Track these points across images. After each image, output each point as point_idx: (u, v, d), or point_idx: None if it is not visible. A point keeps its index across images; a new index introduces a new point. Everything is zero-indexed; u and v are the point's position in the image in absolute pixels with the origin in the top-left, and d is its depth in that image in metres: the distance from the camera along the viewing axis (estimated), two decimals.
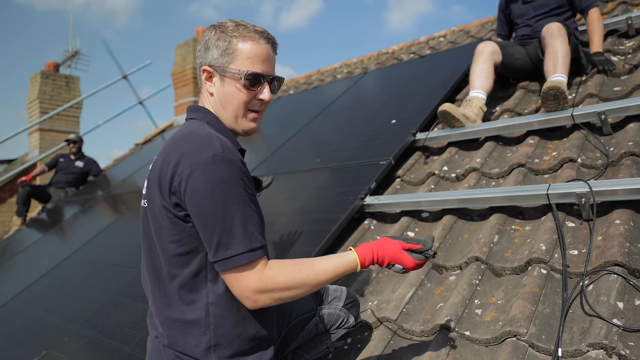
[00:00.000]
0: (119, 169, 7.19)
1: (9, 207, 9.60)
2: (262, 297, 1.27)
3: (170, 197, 1.29)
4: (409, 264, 1.41)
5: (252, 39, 1.43)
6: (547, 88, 2.71)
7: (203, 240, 1.28)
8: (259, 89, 1.46)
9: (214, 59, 1.44)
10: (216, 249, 1.25)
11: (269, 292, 1.27)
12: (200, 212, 1.25)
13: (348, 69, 6.92)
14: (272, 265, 1.30)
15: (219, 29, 1.44)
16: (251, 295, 1.26)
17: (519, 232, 2.15)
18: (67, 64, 11.74)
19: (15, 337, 3.12)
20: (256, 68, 1.43)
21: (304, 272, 1.31)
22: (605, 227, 1.89)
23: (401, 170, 3.09)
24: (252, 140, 4.83)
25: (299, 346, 1.70)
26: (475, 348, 1.63)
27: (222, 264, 1.25)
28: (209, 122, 1.46)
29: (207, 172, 1.24)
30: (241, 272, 1.26)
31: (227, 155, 1.28)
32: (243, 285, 1.26)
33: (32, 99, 9.49)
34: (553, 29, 3.09)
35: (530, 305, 1.64)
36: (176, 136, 1.39)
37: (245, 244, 1.25)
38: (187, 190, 1.25)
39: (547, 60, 3.06)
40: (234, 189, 1.26)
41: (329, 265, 1.36)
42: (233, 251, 1.24)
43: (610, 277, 1.61)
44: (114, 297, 2.90)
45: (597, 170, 2.30)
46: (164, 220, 1.32)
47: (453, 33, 6.02)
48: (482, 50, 3.36)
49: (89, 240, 4.36)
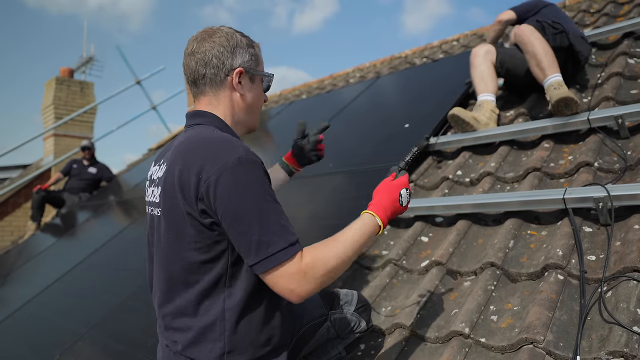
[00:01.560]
0: (132, 174, 7.24)
1: (24, 212, 9.67)
2: (306, 286, 1.27)
3: (197, 203, 1.28)
4: (403, 179, 1.54)
5: (258, 46, 1.57)
6: (556, 102, 2.68)
7: (238, 244, 1.27)
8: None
9: (245, 62, 1.49)
10: (256, 249, 1.24)
11: (311, 279, 1.27)
12: (234, 216, 1.25)
13: (361, 73, 6.90)
14: (306, 253, 1.30)
15: (238, 33, 1.50)
16: (296, 287, 1.26)
17: (534, 237, 2.11)
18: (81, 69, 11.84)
19: (29, 341, 3.13)
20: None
21: (334, 250, 1.32)
22: (623, 232, 1.86)
23: (414, 174, 3.06)
24: (265, 143, 4.84)
25: (310, 351, 1.69)
26: (491, 355, 1.61)
27: (264, 263, 1.25)
28: (217, 126, 1.46)
29: (234, 175, 1.25)
30: (283, 268, 1.25)
31: (252, 157, 1.30)
32: (287, 280, 1.25)
33: (47, 104, 9.58)
34: (521, 33, 3.06)
35: (547, 312, 1.61)
36: (191, 142, 1.37)
37: (285, 240, 1.26)
38: (216, 195, 1.25)
39: (531, 66, 3.01)
40: (263, 189, 1.28)
41: (354, 233, 1.37)
42: (274, 248, 1.24)
43: (630, 284, 1.58)
44: (127, 302, 2.91)
45: (614, 175, 2.26)
46: (187, 228, 1.31)
47: (466, 37, 5.99)
48: (476, 53, 3.35)
49: (103, 245, 4.38)
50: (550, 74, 2.89)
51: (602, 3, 4.45)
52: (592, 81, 3.21)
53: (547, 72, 2.90)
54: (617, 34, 3.58)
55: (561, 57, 3.09)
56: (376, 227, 1.42)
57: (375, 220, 1.42)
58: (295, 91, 7.90)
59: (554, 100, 2.67)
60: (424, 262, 2.25)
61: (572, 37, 3.09)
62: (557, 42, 3.07)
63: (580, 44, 3.11)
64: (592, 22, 4.19)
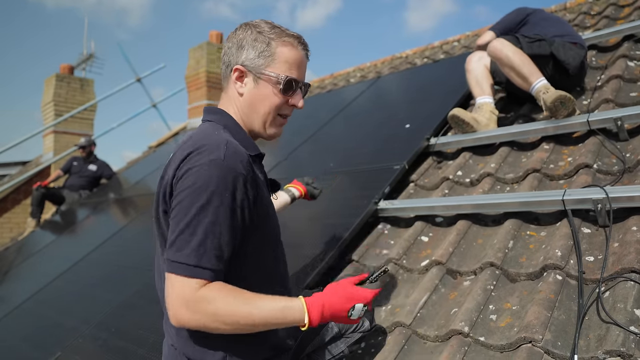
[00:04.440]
0: (132, 172, 7.25)
1: (24, 209, 9.67)
2: (185, 314, 1.17)
3: (170, 201, 1.28)
4: (367, 294, 1.33)
5: (290, 44, 1.43)
6: (552, 104, 2.67)
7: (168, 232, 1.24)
8: (292, 95, 1.46)
9: (249, 59, 1.42)
10: (170, 245, 1.21)
11: (196, 312, 1.17)
12: (175, 205, 1.23)
13: (361, 73, 6.92)
14: (212, 288, 1.20)
15: (255, 29, 1.42)
16: (177, 307, 1.18)
17: (534, 238, 2.13)
18: (81, 66, 11.84)
19: (30, 338, 3.14)
20: (292, 73, 1.43)
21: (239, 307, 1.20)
22: (621, 234, 1.88)
23: (415, 174, 3.08)
24: (266, 143, 4.85)
25: (313, 350, 1.70)
26: (490, 354, 1.63)
27: (169, 263, 1.20)
28: (226, 125, 1.44)
29: (198, 175, 1.22)
30: (179, 280, 1.18)
31: (227, 164, 1.24)
32: (175, 294, 1.18)
33: (47, 101, 9.58)
34: (493, 49, 3.01)
35: (545, 312, 1.63)
36: (188, 139, 1.37)
37: (194, 258, 1.18)
38: (177, 188, 1.25)
39: (512, 78, 2.99)
40: (215, 199, 1.21)
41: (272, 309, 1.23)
42: (180, 257, 1.19)
43: (627, 284, 1.60)
44: (128, 299, 2.92)
45: (613, 176, 2.28)
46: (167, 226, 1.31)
47: (467, 38, 6.01)
48: (469, 59, 3.39)
49: (103, 242, 4.39)
50: (534, 80, 2.89)
51: (603, 5, 4.47)
52: (592, 83, 3.22)
53: (530, 80, 2.89)
54: (618, 36, 3.60)
55: (547, 65, 3.04)
56: (300, 322, 1.26)
57: (304, 317, 1.25)
58: None
59: (549, 103, 2.68)
60: (424, 262, 2.26)
61: (556, 45, 3.03)
62: (535, 50, 3.00)
63: (565, 52, 3.01)
64: (592, 25, 4.21)
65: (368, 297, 1.33)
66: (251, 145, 1.45)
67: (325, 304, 1.28)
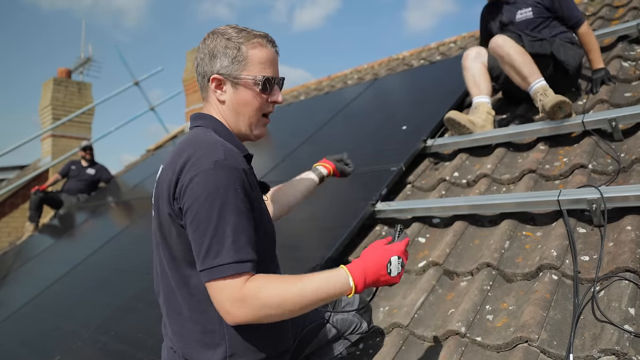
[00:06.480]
0: (130, 175, 7.25)
1: (22, 213, 9.65)
2: (241, 311, 1.19)
3: (174, 203, 1.30)
4: (399, 246, 1.37)
5: (260, 44, 1.45)
6: (551, 109, 2.67)
7: (193, 247, 1.26)
8: (271, 92, 1.49)
9: (224, 67, 1.44)
10: (205, 255, 1.22)
11: (248, 306, 1.19)
12: (193, 218, 1.24)
13: (359, 75, 6.94)
14: (255, 279, 1.23)
15: (224, 37, 1.44)
16: (230, 308, 1.20)
17: (529, 238, 2.15)
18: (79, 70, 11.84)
19: (29, 342, 3.14)
20: (268, 72, 1.46)
21: (287, 290, 1.22)
22: (616, 233, 1.90)
23: (412, 176, 3.09)
24: (263, 145, 4.86)
25: (312, 352, 1.71)
26: (486, 354, 1.64)
27: (208, 272, 1.21)
28: (215, 129, 1.46)
29: (206, 178, 1.23)
30: (224, 283, 1.20)
31: (229, 163, 1.27)
32: (225, 297, 1.20)
33: (44, 105, 9.58)
34: (495, 45, 3.00)
35: (541, 311, 1.64)
36: (182, 144, 1.39)
37: (234, 255, 1.20)
38: (185, 195, 1.25)
39: (512, 77, 2.99)
40: (231, 197, 1.24)
41: (319, 284, 1.26)
42: (220, 260, 1.20)
43: (622, 283, 1.62)
44: (127, 303, 2.93)
45: (608, 177, 2.30)
46: (171, 229, 1.32)
47: (464, 39, 6.03)
48: (466, 55, 3.36)
49: (101, 246, 4.39)
50: (532, 80, 2.88)
51: (598, 6, 4.49)
52: (587, 84, 3.24)
53: (529, 80, 2.89)
54: (612, 37, 3.62)
55: (547, 65, 3.04)
56: (346, 289, 1.28)
57: (349, 281, 1.28)
58: (293, 92, 7.93)
59: (548, 107, 2.67)
60: (421, 263, 2.28)
61: (557, 44, 3.03)
62: (536, 49, 2.99)
63: (565, 52, 3.02)
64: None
65: (400, 248, 1.37)
66: (240, 147, 1.47)
67: (365, 265, 1.31)
